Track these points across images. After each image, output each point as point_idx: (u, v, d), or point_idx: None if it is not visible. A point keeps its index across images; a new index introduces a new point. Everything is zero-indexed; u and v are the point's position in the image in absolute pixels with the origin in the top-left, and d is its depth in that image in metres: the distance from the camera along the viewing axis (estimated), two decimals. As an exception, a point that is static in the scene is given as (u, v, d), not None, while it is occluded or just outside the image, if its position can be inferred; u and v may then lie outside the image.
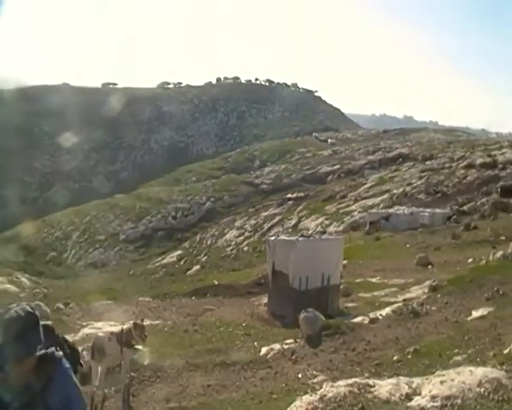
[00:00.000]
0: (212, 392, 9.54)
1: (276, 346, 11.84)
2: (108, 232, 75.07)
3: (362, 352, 10.83)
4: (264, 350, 11.73)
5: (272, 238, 19.66)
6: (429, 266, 23.39)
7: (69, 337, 12.15)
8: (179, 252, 64.41)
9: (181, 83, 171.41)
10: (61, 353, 3.15)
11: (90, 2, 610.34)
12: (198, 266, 52.93)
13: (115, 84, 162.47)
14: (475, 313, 11.84)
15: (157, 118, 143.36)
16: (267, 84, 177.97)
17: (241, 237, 61.55)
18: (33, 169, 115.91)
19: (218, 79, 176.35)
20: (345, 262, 22.94)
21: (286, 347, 11.75)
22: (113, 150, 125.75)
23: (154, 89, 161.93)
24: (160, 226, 74.48)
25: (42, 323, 3.09)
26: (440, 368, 8.75)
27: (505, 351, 9.09)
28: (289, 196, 71.48)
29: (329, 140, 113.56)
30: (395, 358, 9.91)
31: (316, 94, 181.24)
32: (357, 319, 13.31)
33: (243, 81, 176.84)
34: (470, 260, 20.73)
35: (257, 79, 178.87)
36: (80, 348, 10.85)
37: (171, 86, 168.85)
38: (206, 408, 8.82)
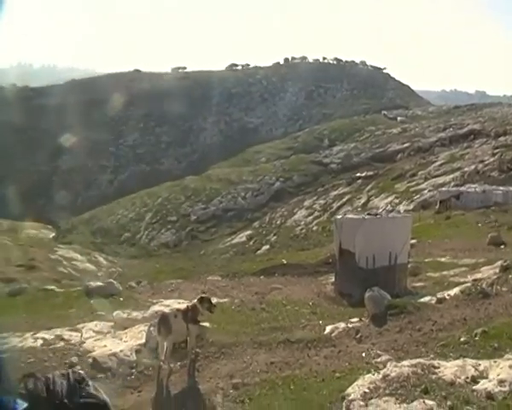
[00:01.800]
0: (275, 369, 9.64)
1: (341, 325, 11.81)
2: (180, 213, 76.65)
3: (428, 332, 10.62)
4: (328, 329, 11.73)
5: (339, 217, 19.55)
6: (502, 246, 22.63)
7: (139, 314, 12.68)
8: (249, 232, 65.04)
9: (249, 64, 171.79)
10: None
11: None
12: (267, 246, 53.36)
13: (184, 68, 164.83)
14: (550, 296, 11.39)
15: (226, 100, 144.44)
16: (335, 62, 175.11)
17: (311, 217, 61.44)
18: (109, 153, 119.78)
19: (286, 60, 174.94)
20: (414, 241, 22.59)
21: (351, 326, 11.69)
22: (183, 132, 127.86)
23: (223, 71, 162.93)
24: (230, 207, 75.37)
25: None
26: (510, 352, 8.51)
27: None
28: (358, 174, 70.61)
29: (399, 118, 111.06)
30: (462, 339, 9.64)
31: (384, 71, 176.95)
32: (424, 299, 13.05)
33: (311, 60, 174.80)
34: (546, 240, 19.92)
35: (324, 58, 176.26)
36: (149, 324, 11.32)
37: (239, 68, 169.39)
38: (268, 385, 8.93)
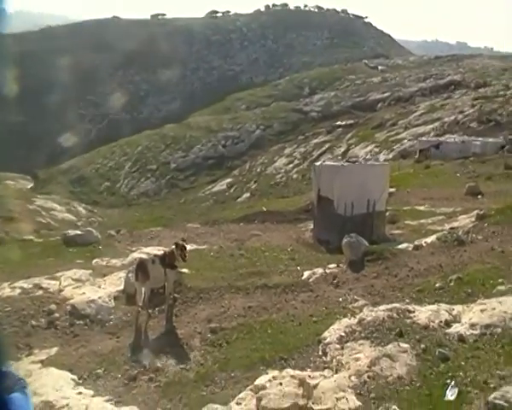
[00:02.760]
0: (253, 313, 9.76)
1: (319, 270, 11.93)
2: (159, 162, 75.91)
3: (404, 278, 10.79)
4: (306, 274, 11.84)
5: (318, 164, 19.53)
6: (479, 196, 22.88)
7: (118, 261, 12.64)
8: (229, 180, 64.84)
9: (229, 11, 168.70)
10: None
11: None
12: (248, 194, 53.40)
13: (164, 14, 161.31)
14: (523, 244, 11.54)
15: (206, 47, 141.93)
16: (316, 10, 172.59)
17: (291, 165, 61.35)
18: (86, 102, 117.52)
19: (267, 7, 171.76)
20: (393, 190, 22.73)
21: (328, 271, 11.83)
22: (162, 81, 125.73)
23: (203, 18, 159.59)
24: (210, 155, 74.78)
25: None
26: (482, 297, 8.69)
27: (552, 281, 8.91)
28: (339, 123, 70.28)
29: (379, 67, 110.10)
30: (437, 285, 9.82)
31: (366, 20, 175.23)
32: (402, 246, 13.22)
33: (292, 8, 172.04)
34: (523, 190, 20.15)
35: (306, 6, 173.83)
36: (127, 271, 11.32)
37: (219, 15, 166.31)
38: (245, 329, 9.05)
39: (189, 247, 14.04)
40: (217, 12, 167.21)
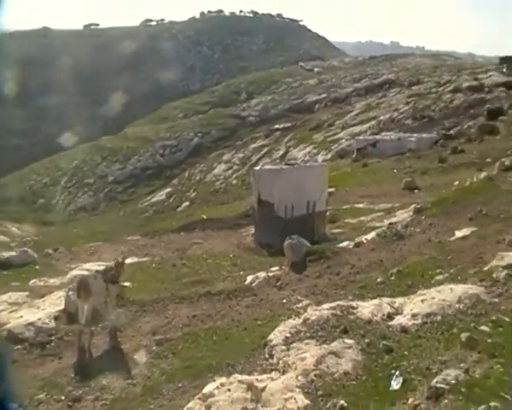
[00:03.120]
0: (198, 322, 9.68)
1: (262, 274, 11.95)
2: (97, 175, 74.46)
3: (346, 275, 10.94)
4: (249, 279, 11.85)
5: (257, 168, 19.60)
6: (416, 190, 23.44)
7: (57, 280, 12.25)
8: (168, 189, 64.20)
9: (164, 19, 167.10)
10: None
11: None
12: (187, 203, 53.06)
13: (97, 24, 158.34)
14: (458, 234, 11.87)
15: (141, 56, 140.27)
16: (251, 15, 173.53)
17: (230, 171, 61.35)
18: (17, 116, 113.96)
19: (202, 14, 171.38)
20: (332, 190, 23.03)
21: (271, 274, 11.86)
22: (97, 92, 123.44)
23: (137, 27, 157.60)
24: (149, 165, 73.88)
25: None
26: (422, 288, 8.93)
27: (485, 268, 9.25)
28: (276, 126, 70.78)
29: (315, 69, 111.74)
30: (378, 280, 10.03)
31: (301, 23, 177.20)
32: (343, 244, 13.38)
33: (227, 14, 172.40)
34: (456, 182, 20.76)
35: (241, 11, 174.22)
36: (67, 289, 10.99)
37: (153, 23, 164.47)
38: (191, 338, 8.96)
39: (130, 260, 13.83)
40: (151, 20, 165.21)
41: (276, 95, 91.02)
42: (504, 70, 59.18)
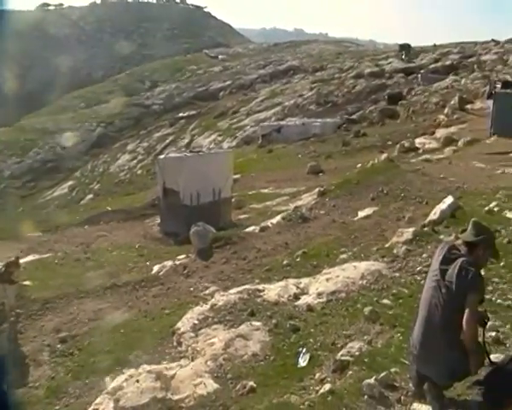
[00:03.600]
0: (104, 315, 9.44)
1: (168, 263, 11.85)
2: (-8, 170, 70.72)
3: (252, 260, 11.05)
4: (156, 268, 11.73)
5: (162, 157, 19.36)
6: (320, 174, 24.05)
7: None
8: (70, 183, 61.95)
9: (62, 4, 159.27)
10: None
11: None
12: (91, 195, 51.55)
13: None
14: (361, 213, 12.35)
15: (39, 43, 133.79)
16: (155, 1, 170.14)
17: (135, 161, 60.19)
18: None
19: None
20: (238, 176, 23.16)
21: (178, 263, 11.78)
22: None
23: (33, 12, 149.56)
24: (49, 158, 70.91)
25: None
26: (327, 267, 9.18)
27: (386, 245, 9.66)
28: (181, 114, 70.12)
29: (220, 56, 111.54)
30: (284, 262, 10.21)
31: (205, 10, 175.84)
32: (249, 229, 13.50)
33: (130, 0, 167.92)
34: (359, 165, 21.47)
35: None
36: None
37: (51, 8, 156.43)
38: (97, 332, 8.72)
39: (30, 257, 13.24)
40: (49, 5, 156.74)
41: (181, 83, 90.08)
42: (403, 57, 62.02)
